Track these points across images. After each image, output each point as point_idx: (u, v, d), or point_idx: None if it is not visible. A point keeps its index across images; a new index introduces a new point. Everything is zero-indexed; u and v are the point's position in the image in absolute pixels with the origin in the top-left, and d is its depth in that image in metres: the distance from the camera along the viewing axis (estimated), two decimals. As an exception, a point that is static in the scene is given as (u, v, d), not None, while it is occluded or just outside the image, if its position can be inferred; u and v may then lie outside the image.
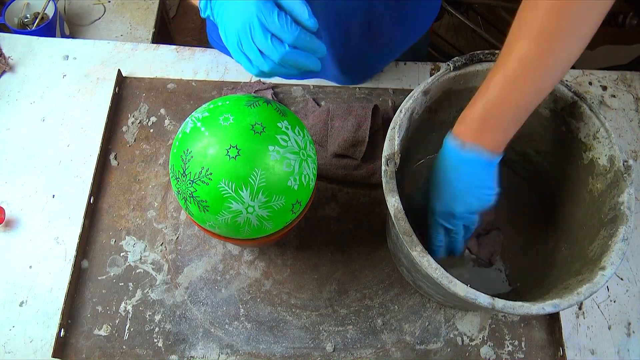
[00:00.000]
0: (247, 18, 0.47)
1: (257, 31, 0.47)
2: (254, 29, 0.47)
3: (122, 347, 0.65)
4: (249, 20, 0.47)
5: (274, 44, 0.47)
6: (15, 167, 0.76)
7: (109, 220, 0.73)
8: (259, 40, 0.47)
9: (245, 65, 0.50)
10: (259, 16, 0.47)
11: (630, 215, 0.53)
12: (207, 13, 0.53)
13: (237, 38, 0.49)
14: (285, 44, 0.47)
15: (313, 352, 0.66)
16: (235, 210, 0.51)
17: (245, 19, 0.47)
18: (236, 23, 0.48)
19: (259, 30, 0.47)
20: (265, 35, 0.47)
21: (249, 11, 0.47)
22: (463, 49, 1.68)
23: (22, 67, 0.84)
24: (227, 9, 0.50)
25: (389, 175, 0.54)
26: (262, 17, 0.47)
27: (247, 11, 0.47)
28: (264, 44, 0.47)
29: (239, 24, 0.48)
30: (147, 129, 0.79)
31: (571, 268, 0.58)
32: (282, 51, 0.47)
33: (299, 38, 0.47)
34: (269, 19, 0.47)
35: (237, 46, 0.49)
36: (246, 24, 0.48)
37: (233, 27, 0.49)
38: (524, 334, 0.68)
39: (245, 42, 0.48)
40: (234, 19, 0.49)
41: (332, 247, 0.72)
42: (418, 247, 0.51)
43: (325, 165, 0.74)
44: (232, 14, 0.49)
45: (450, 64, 0.60)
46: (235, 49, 0.50)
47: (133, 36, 1.12)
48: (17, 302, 0.68)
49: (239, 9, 0.48)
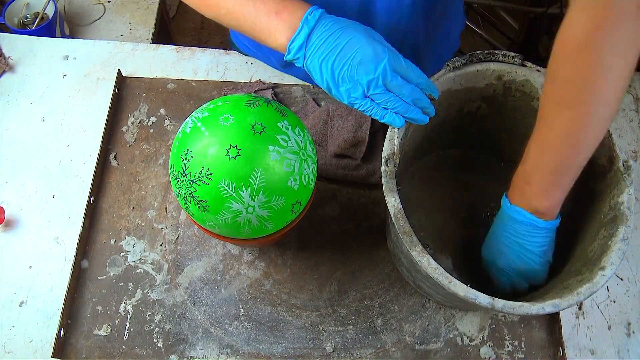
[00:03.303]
0: (379, 68, 0.50)
1: (390, 75, 0.50)
2: (387, 75, 0.50)
3: (122, 347, 0.65)
4: (382, 69, 0.50)
5: (405, 84, 0.51)
6: (15, 167, 0.76)
7: (109, 220, 0.73)
8: (393, 84, 0.51)
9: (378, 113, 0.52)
10: (391, 63, 0.50)
11: (630, 215, 0.53)
12: (294, 58, 0.53)
13: (363, 88, 0.51)
14: (412, 83, 0.52)
15: (313, 352, 0.66)
16: (235, 210, 0.51)
17: (378, 69, 0.50)
18: (364, 76, 0.50)
19: (391, 75, 0.50)
20: (397, 78, 0.51)
21: (379, 61, 0.50)
22: (463, 49, 1.68)
23: (22, 67, 0.84)
24: (344, 63, 0.51)
25: (389, 175, 0.54)
26: (394, 62, 0.50)
27: (376, 61, 0.50)
28: (396, 86, 0.51)
29: (370, 75, 0.50)
30: (147, 129, 0.79)
31: (571, 268, 0.58)
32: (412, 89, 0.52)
33: (421, 77, 0.53)
34: (397, 63, 0.51)
35: (361, 95, 0.51)
36: (379, 72, 0.50)
37: (359, 79, 0.50)
38: (524, 334, 0.68)
39: (376, 89, 0.50)
40: (360, 73, 0.50)
41: (332, 247, 0.72)
42: (418, 247, 0.51)
43: (325, 165, 0.74)
44: (355, 68, 0.50)
45: (449, 64, 0.60)
46: (359, 96, 0.51)
47: (133, 36, 1.12)
48: (17, 302, 0.68)
49: (366, 62, 0.50)
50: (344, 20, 0.52)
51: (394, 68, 0.51)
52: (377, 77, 0.50)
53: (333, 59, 0.51)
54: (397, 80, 0.51)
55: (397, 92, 0.52)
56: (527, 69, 0.61)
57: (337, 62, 0.51)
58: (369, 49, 0.50)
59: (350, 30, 0.51)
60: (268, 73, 0.85)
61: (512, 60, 0.61)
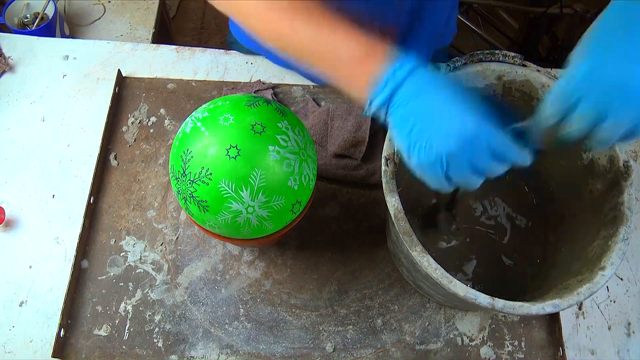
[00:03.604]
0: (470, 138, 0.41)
1: (482, 153, 0.42)
2: (478, 150, 0.41)
3: (122, 347, 0.65)
4: (472, 140, 0.41)
5: (496, 164, 0.42)
6: (15, 167, 0.76)
7: (109, 220, 0.73)
8: (482, 161, 0.42)
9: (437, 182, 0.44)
10: (489, 139, 0.41)
11: (630, 215, 0.53)
12: (374, 114, 0.46)
13: (442, 157, 0.42)
14: (506, 164, 0.43)
15: (313, 352, 0.66)
16: (235, 210, 0.51)
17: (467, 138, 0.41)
18: (447, 141, 0.41)
19: (484, 152, 0.42)
20: (489, 157, 0.42)
21: (473, 131, 0.41)
22: (463, 49, 1.68)
23: (22, 67, 0.84)
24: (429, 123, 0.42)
25: (389, 175, 0.54)
26: (493, 141, 0.41)
27: (470, 131, 0.41)
28: (486, 166, 0.42)
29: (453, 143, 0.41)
30: (147, 129, 0.79)
31: (571, 268, 0.58)
32: (503, 170, 0.43)
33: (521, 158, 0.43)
34: (498, 142, 0.42)
35: (437, 165, 0.42)
36: (467, 143, 0.41)
37: (439, 145, 0.41)
38: (524, 334, 0.68)
39: (455, 164, 0.42)
40: (443, 138, 0.41)
41: (332, 247, 0.72)
42: (418, 247, 0.51)
43: (325, 165, 0.74)
44: (439, 131, 0.42)
45: (450, 64, 0.60)
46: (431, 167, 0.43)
47: (133, 36, 1.12)
48: (17, 302, 0.68)
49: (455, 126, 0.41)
50: (440, 80, 0.44)
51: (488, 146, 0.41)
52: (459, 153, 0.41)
53: (411, 125, 0.43)
54: (486, 163, 0.42)
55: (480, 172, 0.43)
56: (527, 69, 0.61)
57: (416, 130, 0.43)
58: (458, 119, 0.41)
59: (443, 94, 0.43)
60: (268, 73, 0.85)
61: (512, 60, 0.61)
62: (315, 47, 0.47)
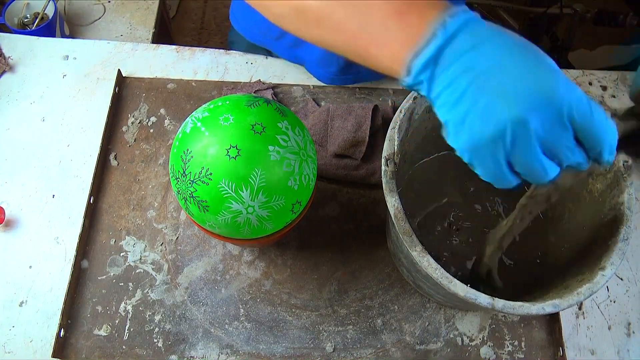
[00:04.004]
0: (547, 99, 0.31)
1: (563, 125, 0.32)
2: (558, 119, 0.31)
3: (122, 347, 0.65)
4: (550, 103, 0.31)
5: (547, 164, 0.33)
6: (15, 167, 0.76)
7: (109, 220, 0.73)
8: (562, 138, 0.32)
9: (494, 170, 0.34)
10: (574, 106, 0.31)
11: (630, 215, 0.53)
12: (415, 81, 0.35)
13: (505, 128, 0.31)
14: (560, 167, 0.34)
15: (313, 352, 0.66)
16: (235, 210, 0.51)
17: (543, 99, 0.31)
18: (514, 104, 0.31)
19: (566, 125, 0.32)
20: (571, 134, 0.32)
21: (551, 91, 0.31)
22: (463, 49, 1.68)
23: (22, 67, 0.84)
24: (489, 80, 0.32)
25: (389, 175, 0.54)
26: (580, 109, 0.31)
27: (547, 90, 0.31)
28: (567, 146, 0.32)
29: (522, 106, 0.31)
30: (147, 129, 0.79)
31: (571, 268, 0.58)
32: (554, 174, 0.34)
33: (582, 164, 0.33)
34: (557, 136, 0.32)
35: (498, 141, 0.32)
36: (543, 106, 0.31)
37: (502, 110, 0.31)
38: (524, 334, 0.68)
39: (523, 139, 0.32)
40: (508, 99, 0.31)
41: (332, 247, 0.72)
42: (418, 247, 0.51)
43: (325, 165, 0.74)
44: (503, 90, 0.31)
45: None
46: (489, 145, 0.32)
47: (133, 36, 1.12)
48: (17, 302, 0.68)
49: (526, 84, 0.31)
50: (505, 33, 0.33)
51: (569, 115, 0.31)
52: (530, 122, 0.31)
53: (464, 86, 0.32)
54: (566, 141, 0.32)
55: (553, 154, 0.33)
56: (527, 69, 0.60)
57: (470, 93, 0.32)
58: (530, 75, 0.31)
59: (510, 44, 0.32)
60: (268, 73, 0.85)
61: (512, 60, 0.61)
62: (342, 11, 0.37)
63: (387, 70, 0.37)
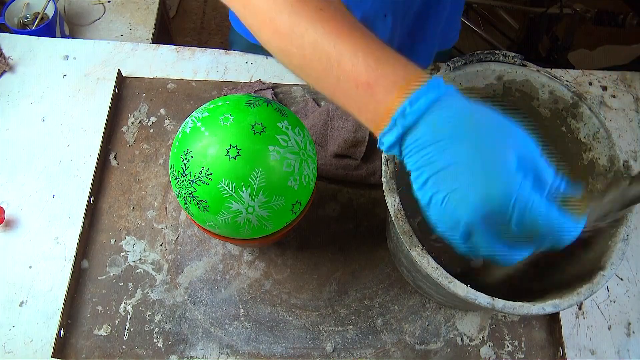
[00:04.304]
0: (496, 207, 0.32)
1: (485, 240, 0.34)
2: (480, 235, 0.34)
3: (122, 347, 0.65)
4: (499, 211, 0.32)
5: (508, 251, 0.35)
6: (15, 167, 0.76)
7: (109, 220, 0.73)
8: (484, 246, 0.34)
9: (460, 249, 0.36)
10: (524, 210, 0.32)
11: (631, 215, 0.53)
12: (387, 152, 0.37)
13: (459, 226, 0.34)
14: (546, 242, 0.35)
15: (313, 352, 0.66)
16: (235, 210, 0.51)
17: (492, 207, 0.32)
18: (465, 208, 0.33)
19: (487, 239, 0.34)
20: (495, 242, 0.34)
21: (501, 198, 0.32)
22: (463, 49, 1.68)
23: (22, 67, 0.84)
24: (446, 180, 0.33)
25: (389, 175, 0.54)
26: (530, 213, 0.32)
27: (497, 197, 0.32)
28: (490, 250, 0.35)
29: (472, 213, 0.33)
30: (147, 129, 0.79)
31: (571, 268, 0.58)
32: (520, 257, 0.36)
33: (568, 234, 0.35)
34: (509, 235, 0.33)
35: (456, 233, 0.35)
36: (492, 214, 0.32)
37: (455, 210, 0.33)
38: (524, 334, 0.68)
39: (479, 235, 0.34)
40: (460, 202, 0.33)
41: (332, 247, 0.72)
42: (418, 247, 0.51)
43: (325, 165, 0.74)
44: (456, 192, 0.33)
45: (450, 64, 0.60)
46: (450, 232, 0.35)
47: (133, 36, 1.12)
48: (17, 302, 0.68)
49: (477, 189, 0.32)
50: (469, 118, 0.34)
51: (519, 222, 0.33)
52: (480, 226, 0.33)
53: (425, 177, 0.34)
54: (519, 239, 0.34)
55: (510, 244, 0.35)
56: (527, 69, 0.61)
57: (430, 185, 0.34)
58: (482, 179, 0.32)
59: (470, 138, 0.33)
60: (268, 73, 0.85)
61: (512, 60, 0.61)
62: (316, 53, 0.38)
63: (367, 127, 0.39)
